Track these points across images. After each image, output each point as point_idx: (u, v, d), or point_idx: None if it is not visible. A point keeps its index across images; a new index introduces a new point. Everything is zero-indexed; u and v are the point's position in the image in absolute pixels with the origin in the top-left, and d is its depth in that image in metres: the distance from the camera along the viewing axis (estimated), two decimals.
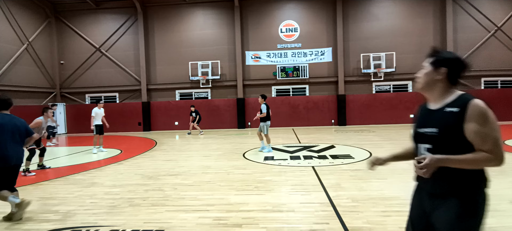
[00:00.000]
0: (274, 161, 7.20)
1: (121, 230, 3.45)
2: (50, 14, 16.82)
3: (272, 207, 4.05)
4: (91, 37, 17.07)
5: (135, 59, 16.97)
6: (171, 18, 16.77)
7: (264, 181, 5.39)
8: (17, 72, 14.80)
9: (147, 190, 5.08)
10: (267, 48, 16.40)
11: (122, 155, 8.88)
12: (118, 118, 16.53)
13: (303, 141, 10.71)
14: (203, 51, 16.59)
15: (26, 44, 15.26)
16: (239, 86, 16.36)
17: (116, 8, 16.89)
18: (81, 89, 17.42)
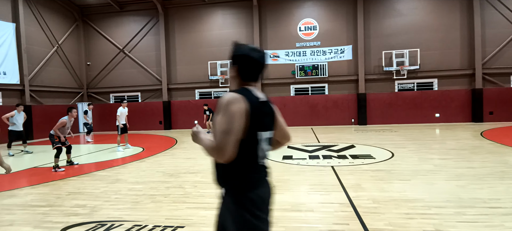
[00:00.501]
0: (293, 160, 7.17)
1: (144, 226, 3.56)
2: (78, 18, 17.61)
3: (291, 206, 4.04)
4: (115, 38, 17.71)
5: (156, 60, 17.43)
6: (191, 18, 17.07)
7: (282, 180, 5.38)
8: (48, 73, 15.63)
9: (168, 187, 5.22)
10: (286, 47, 16.32)
11: (144, 153, 9.16)
12: (140, 117, 17.06)
13: (322, 140, 10.58)
14: (222, 51, 16.76)
15: (56, 46, 16.08)
16: (258, 85, 16.37)
17: (139, 10, 17.41)
18: (106, 89, 18.12)
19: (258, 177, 1.60)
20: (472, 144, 8.63)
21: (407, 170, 5.79)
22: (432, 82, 15.39)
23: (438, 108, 15.06)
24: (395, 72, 15.25)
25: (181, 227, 3.47)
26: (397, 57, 15.06)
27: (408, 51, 14.96)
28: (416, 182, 4.94)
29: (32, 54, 14.59)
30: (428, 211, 3.68)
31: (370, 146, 8.92)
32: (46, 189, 5.39)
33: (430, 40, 15.09)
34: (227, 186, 1.57)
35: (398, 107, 15.36)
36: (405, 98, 15.33)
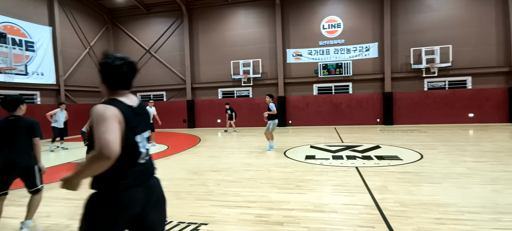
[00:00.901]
0: (316, 160, 7.07)
1: (168, 221, 3.66)
2: (107, 20, 18.43)
3: (314, 207, 3.98)
4: (142, 40, 18.35)
5: (180, 60, 17.86)
6: (214, 19, 17.31)
7: (305, 180, 5.32)
8: (81, 74, 16.50)
9: (192, 184, 5.33)
10: (309, 45, 16.12)
11: (169, 151, 9.42)
12: (165, 115, 17.54)
13: (346, 140, 10.34)
14: (244, 50, 16.86)
15: (88, 48, 16.94)
16: (280, 84, 16.32)
17: (164, 11, 17.91)
18: (133, 89, 18.78)
19: (134, 181, 1.67)
20: (509, 146, 8.07)
21: (438, 172, 5.51)
22: (465, 81, 14.55)
23: (472, 108, 14.22)
24: (425, 70, 14.58)
25: (204, 224, 3.53)
26: (427, 54, 14.39)
27: (439, 48, 14.24)
28: (447, 186, 4.69)
29: (66, 55, 15.47)
30: (461, 216, 3.49)
31: (396, 146, 8.60)
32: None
33: (463, 36, 14.27)
34: (100, 187, 1.64)
35: (427, 106, 14.68)
36: (436, 97, 14.61)
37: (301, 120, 16.20)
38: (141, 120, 1.77)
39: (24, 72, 12.75)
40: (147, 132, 1.82)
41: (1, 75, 11.80)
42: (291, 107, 16.31)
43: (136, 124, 1.70)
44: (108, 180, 1.62)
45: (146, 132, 1.80)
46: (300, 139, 11.07)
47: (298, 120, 16.25)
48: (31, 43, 13.53)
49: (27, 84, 13.39)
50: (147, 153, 1.81)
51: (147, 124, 1.85)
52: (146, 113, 1.87)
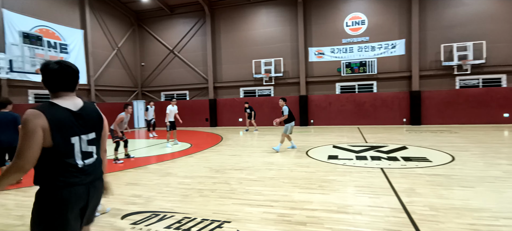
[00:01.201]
0: (339, 160, 6.93)
1: (193, 218, 3.74)
2: (134, 22, 19.11)
3: (337, 208, 3.91)
4: (166, 40, 18.85)
5: (203, 59, 18.16)
6: (236, 18, 17.43)
7: (328, 180, 5.24)
8: (109, 74, 17.24)
9: (215, 182, 5.41)
10: (331, 43, 15.82)
11: (192, 149, 9.62)
12: (188, 114, 17.93)
13: (370, 140, 10.05)
14: (266, 49, 16.85)
15: (116, 49, 17.66)
16: (302, 83, 16.16)
17: (188, 12, 18.28)
18: (157, 88, 19.40)
19: (71, 181, 1.77)
20: None
21: (471, 175, 5.23)
22: (500, 79, 13.67)
23: (507, 107, 13.33)
24: (456, 67, 13.85)
25: (227, 222, 3.57)
26: (458, 51, 13.66)
27: (472, 44, 13.47)
28: (481, 190, 4.43)
29: (96, 57, 16.22)
30: (496, 222, 3.29)
31: (425, 148, 8.24)
32: (109, 178, 5.94)
33: (498, 31, 13.40)
34: (40, 186, 1.77)
35: (459, 106, 13.94)
36: (468, 96, 13.84)
37: (323, 119, 15.96)
38: (82, 122, 1.86)
39: None
40: (90, 133, 1.90)
41: (38, 76, 12.56)
42: (313, 107, 16.11)
43: (71, 126, 1.79)
44: (48, 178, 1.74)
45: (87, 134, 1.88)
46: (322, 139, 10.91)
47: (320, 119, 16.01)
48: (65, 45, 14.31)
49: None
50: (91, 154, 1.91)
51: (90, 126, 1.92)
52: (90, 116, 1.93)
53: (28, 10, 12.80)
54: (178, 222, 3.62)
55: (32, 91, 13.16)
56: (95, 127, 1.96)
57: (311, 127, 15.58)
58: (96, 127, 1.97)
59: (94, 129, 1.94)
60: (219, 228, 3.40)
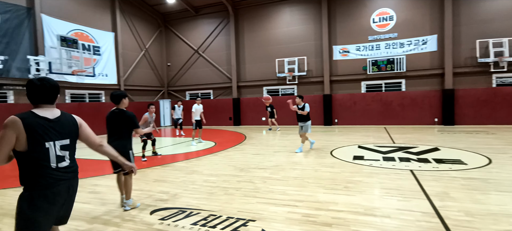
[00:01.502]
0: (364, 161, 6.75)
1: (218, 216, 3.81)
2: (161, 24, 19.74)
3: (364, 210, 3.82)
4: (191, 40, 19.28)
5: (227, 59, 18.39)
6: (259, 17, 17.47)
7: (354, 181, 5.12)
8: (137, 74, 17.94)
9: (239, 181, 5.47)
10: (357, 41, 15.40)
11: (216, 147, 9.78)
12: (212, 113, 18.24)
13: (398, 141, 9.69)
14: (289, 48, 16.74)
15: (143, 50, 18.34)
16: (326, 82, 15.89)
17: (212, 12, 18.59)
18: (183, 87, 19.90)
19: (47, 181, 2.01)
20: None
21: (509, 180, 4.89)
22: None
23: None
24: (493, 64, 12.98)
25: (252, 220, 3.60)
26: (494, 47, 12.80)
27: (507, 40, 12.56)
28: None
29: (125, 58, 16.94)
30: None
31: (459, 149, 7.81)
32: (137, 175, 6.20)
33: None
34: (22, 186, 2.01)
35: (496, 105, 13.07)
36: (506, 95, 12.94)
37: (347, 119, 15.59)
38: (57, 129, 2.10)
39: (92, 74, 14.27)
40: (64, 140, 2.13)
41: (74, 77, 13.35)
42: (337, 106, 15.79)
43: (46, 133, 2.03)
44: (26, 179, 2.00)
45: (61, 140, 2.11)
46: (346, 139, 10.67)
47: (345, 118, 15.66)
48: (97, 47, 15.08)
49: (94, 85, 14.98)
50: (63, 158, 2.12)
51: (65, 133, 2.15)
52: (65, 125, 2.17)
53: (65, 15, 13.62)
54: (204, 219, 3.71)
55: (69, 91, 14.00)
56: (70, 134, 2.20)
57: (335, 127, 15.28)
58: (71, 134, 2.20)
59: (69, 136, 2.18)
60: (244, 227, 3.44)
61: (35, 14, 12.28)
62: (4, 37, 11.27)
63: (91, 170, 6.86)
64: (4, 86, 11.45)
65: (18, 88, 11.85)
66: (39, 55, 11.95)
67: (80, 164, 7.37)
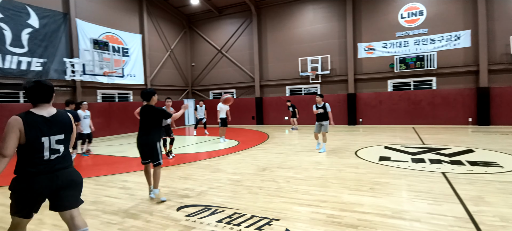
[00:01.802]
0: (391, 162, 6.54)
1: (242, 214, 3.86)
2: (185, 25, 20.23)
3: (392, 212, 3.71)
4: (215, 41, 19.58)
5: (249, 58, 18.49)
6: (282, 16, 17.40)
7: (380, 183, 4.98)
8: (163, 74, 18.52)
9: (262, 180, 5.50)
10: (383, 38, 14.90)
11: (239, 146, 9.88)
12: (235, 112, 18.42)
13: (428, 142, 9.28)
14: (312, 47, 16.54)
15: (169, 51, 18.89)
16: (350, 81, 15.53)
17: (235, 13, 18.77)
18: (206, 87, 20.27)
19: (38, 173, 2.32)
20: None
21: None
22: None
23: None
24: None
25: (276, 219, 3.62)
26: None
27: None
28: None
29: (152, 58, 17.53)
30: None
31: (495, 151, 7.35)
32: (164, 172, 6.42)
33: None
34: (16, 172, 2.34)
35: None
36: None
37: (372, 118, 15.15)
38: (51, 125, 2.40)
39: (121, 74, 14.91)
40: (58, 135, 2.44)
41: (105, 77, 14.03)
42: (362, 105, 15.38)
43: (42, 129, 2.35)
44: (20, 167, 2.33)
45: (56, 135, 2.42)
46: (372, 139, 10.37)
47: (370, 118, 15.22)
48: (126, 49, 15.73)
49: (123, 85, 15.66)
50: (58, 151, 2.43)
51: (58, 129, 2.44)
52: (61, 122, 2.48)
53: (97, 19, 14.34)
54: (228, 217, 3.77)
55: (100, 91, 14.73)
56: (65, 130, 2.50)
57: (360, 126, 14.90)
58: (65, 130, 2.51)
59: (63, 131, 2.49)
60: (268, 225, 3.47)
61: (70, 19, 13.03)
62: (43, 41, 12.07)
63: (121, 167, 7.19)
64: None
65: (55, 89, 12.61)
66: (74, 58, 12.68)
67: (110, 161, 7.75)
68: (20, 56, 11.41)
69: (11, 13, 11.16)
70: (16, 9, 11.30)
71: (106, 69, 12.71)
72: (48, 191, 2.37)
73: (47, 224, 3.77)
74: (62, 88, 12.90)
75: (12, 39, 11.16)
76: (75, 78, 11.96)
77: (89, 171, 6.92)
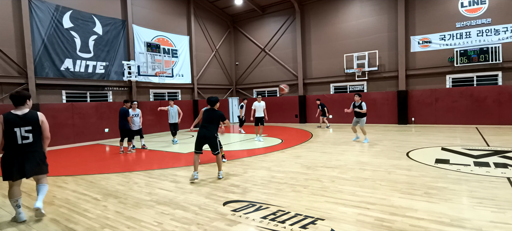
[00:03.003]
0: (450, 165, 6.01)
1: (287, 212, 3.89)
2: (230, 25, 20.78)
3: (450, 220, 3.42)
4: (258, 39, 19.80)
5: (293, 56, 18.35)
6: (326, 12, 16.93)
7: (436, 188, 4.62)
8: (209, 74, 19.27)
9: (306, 179, 5.46)
10: (441, 29, 13.68)
11: (282, 144, 9.89)
12: (277, 110, 18.46)
13: (494, 143, 8.32)
14: (359, 42, 15.84)
15: (214, 51, 19.59)
16: (401, 77, 14.55)
17: (278, 11, 18.77)
18: (250, 85, 20.60)
19: (14, 152, 3.72)
20: None
21: None
22: None
23: None
24: None
25: (321, 219, 3.58)
26: None
27: None
28: None
29: (198, 59, 18.35)
30: None
31: None
32: (210, 168, 6.71)
33: None
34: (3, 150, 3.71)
35: None
36: None
37: (427, 117, 14.01)
38: (22, 121, 3.77)
39: (171, 75, 15.84)
40: (27, 127, 3.79)
41: (157, 78, 15.06)
42: (414, 103, 14.32)
43: (15, 123, 3.73)
44: (4, 149, 3.75)
45: (25, 127, 3.78)
46: (426, 139, 9.62)
47: (424, 117, 14.11)
48: (175, 50, 16.70)
49: (172, 84, 16.66)
50: (27, 138, 3.80)
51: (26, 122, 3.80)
52: (28, 118, 3.84)
53: (150, 24, 15.45)
54: (273, 214, 3.82)
55: (152, 90, 15.86)
56: (31, 123, 3.84)
57: (412, 126, 13.91)
58: (31, 123, 3.84)
59: (30, 124, 3.83)
60: (312, 224, 3.44)
61: (128, 25, 14.24)
62: (105, 46, 13.39)
63: (171, 162, 7.68)
64: (106, 87, 13.61)
65: (115, 89, 13.96)
66: (130, 60, 13.83)
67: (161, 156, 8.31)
68: (87, 61, 12.82)
69: (80, 22, 12.57)
70: (84, 19, 12.70)
71: (157, 70, 13.63)
72: (19, 165, 3.74)
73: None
74: (120, 88, 14.17)
75: (81, 45, 12.58)
76: (131, 79, 13.04)
77: (143, 165, 7.52)
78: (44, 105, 11.33)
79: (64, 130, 11.79)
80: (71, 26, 12.28)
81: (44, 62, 11.54)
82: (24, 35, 10.89)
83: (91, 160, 8.56)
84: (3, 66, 10.61)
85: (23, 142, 3.75)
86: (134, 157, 8.68)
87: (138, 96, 15.01)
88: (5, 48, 10.59)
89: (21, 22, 10.87)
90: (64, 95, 12.29)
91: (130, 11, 14.33)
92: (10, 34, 10.73)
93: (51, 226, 3.74)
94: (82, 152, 10.30)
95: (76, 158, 9.10)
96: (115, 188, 5.42)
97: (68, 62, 12.19)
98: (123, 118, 9.26)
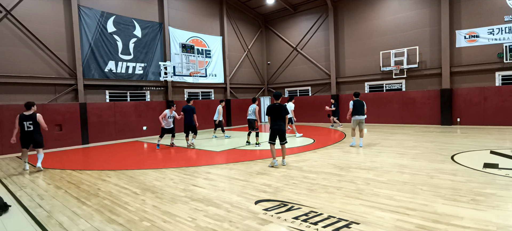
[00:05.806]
0: (499, 170, 5.50)
1: (319, 213, 3.82)
2: (261, 24, 20.85)
3: (497, 228, 3.14)
4: (290, 38, 19.63)
5: (325, 55, 17.94)
6: (360, 8, 16.31)
7: (484, 194, 4.25)
8: (241, 73, 19.50)
9: (340, 180, 5.31)
10: (489, 22, 12.55)
11: (315, 144, 9.72)
12: (310, 110, 18.16)
13: None
14: (396, 38, 15.05)
15: (246, 51, 19.78)
16: (445, 74, 13.58)
17: (310, 9, 18.45)
18: (281, 85, 20.50)
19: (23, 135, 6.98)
20: None
21: None
22: None
23: None
24: None
25: (356, 223, 3.46)
26: None
27: None
28: None
29: (231, 59, 18.64)
30: None
31: None
32: (242, 166, 6.79)
33: None
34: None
35: None
36: None
37: (474, 118, 12.93)
38: (27, 118, 6.94)
39: (204, 74, 16.27)
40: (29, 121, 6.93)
41: (191, 78, 15.55)
42: (460, 102, 13.29)
43: (23, 119, 6.93)
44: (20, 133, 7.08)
45: (28, 121, 6.93)
46: (473, 141, 8.89)
47: (470, 117, 13.04)
48: (208, 51, 17.13)
49: (205, 84, 17.11)
50: (30, 126, 6.94)
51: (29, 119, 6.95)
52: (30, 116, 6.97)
53: (184, 25, 16.00)
54: (305, 215, 3.77)
55: (187, 90, 16.42)
56: (31, 119, 6.96)
57: (457, 127, 12.93)
58: (31, 119, 6.96)
59: (31, 120, 6.96)
60: (346, 228, 3.34)
61: (164, 27, 14.88)
62: (144, 48, 14.13)
63: (204, 160, 7.90)
64: (144, 87, 14.36)
65: (152, 89, 14.67)
66: (166, 61, 14.44)
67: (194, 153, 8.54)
68: (127, 62, 13.62)
69: (122, 26, 13.39)
70: (125, 23, 13.50)
71: (192, 70, 14.08)
72: (26, 140, 6.96)
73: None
74: (157, 88, 14.86)
75: (122, 48, 13.40)
76: (167, 79, 13.63)
77: (179, 162, 7.82)
78: (90, 104, 12.25)
79: (108, 127, 12.65)
80: (114, 30, 13.12)
81: (91, 65, 12.46)
82: (74, 40, 11.85)
83: (131, 155, 9.09)
84: (56, 69, 11.64)
85: (27, 130, 6.94)
86: (171, 154, 9.05)
87: (174, 96, 15.61)
88: (58, 52, 11.60)
89: (71, 28, 11.84)
90: (107, 95, 13.17)
91: (166, 14, 14.96)
92: (62, 39, 11.73)
93: (96, 216, 4.03)
94: (123, 148, 10.97)
95: (118, 153, 9.72)
96: (152, 183, 5.69)
97: (111, 64, 13.05)
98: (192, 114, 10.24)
